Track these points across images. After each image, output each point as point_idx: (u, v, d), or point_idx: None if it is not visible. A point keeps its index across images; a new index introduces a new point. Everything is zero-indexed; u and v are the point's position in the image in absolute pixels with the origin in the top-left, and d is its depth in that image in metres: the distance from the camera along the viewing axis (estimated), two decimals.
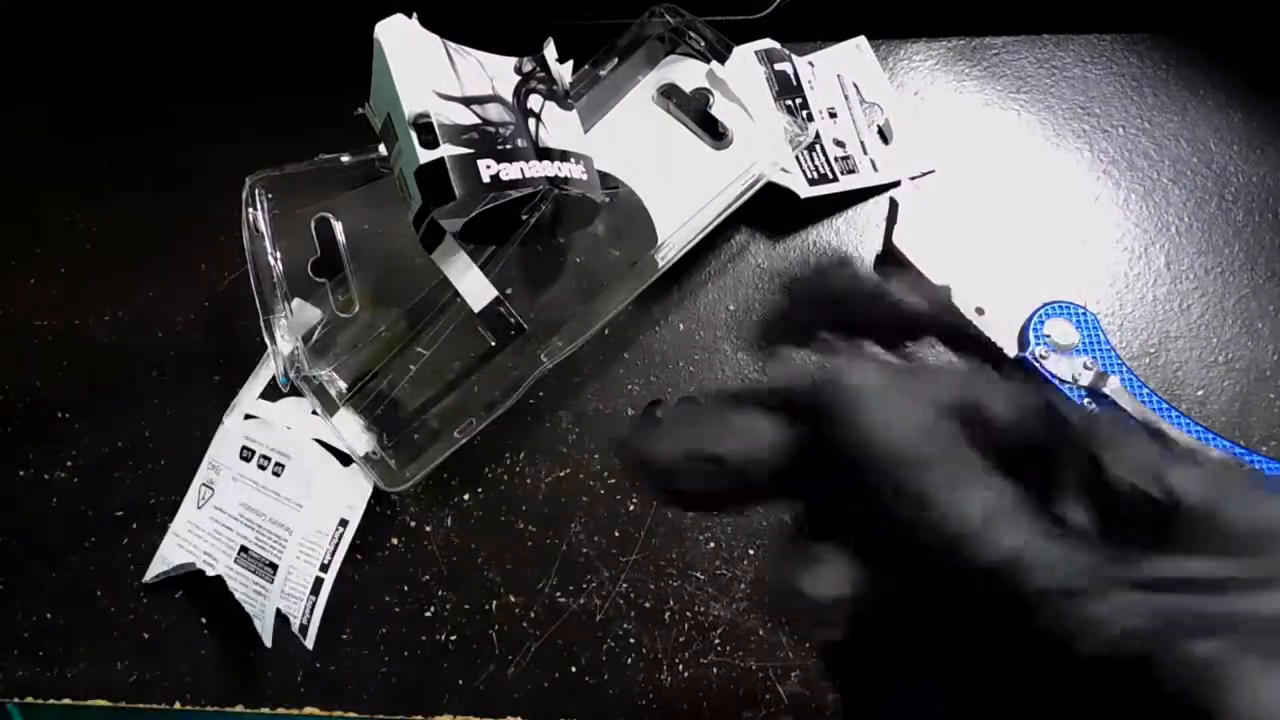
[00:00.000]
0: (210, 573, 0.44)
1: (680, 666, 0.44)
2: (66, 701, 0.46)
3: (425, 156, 0.38)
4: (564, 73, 0.44)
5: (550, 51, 0.44)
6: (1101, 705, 0.17)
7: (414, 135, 0.38)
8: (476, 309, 0.42)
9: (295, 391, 0.45)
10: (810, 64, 0.51)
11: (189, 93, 0.55)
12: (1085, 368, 0.43)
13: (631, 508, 0.46)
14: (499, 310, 0.42)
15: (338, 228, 0.46)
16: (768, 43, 0.50)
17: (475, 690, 0.44)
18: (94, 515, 0.48)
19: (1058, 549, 0.18)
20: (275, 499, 0.45)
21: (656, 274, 0.44)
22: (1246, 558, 0.18)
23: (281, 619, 0.44)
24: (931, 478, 0.19)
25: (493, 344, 0.43)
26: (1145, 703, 0.16)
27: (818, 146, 0.49)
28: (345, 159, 0.45)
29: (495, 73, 0.42)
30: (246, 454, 0.46)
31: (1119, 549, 0.18)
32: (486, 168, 0.39)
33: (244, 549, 0.45)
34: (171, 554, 0.46)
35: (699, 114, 0.46)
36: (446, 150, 0.38)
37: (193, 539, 0.46)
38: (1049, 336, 0.44)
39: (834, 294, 0.21)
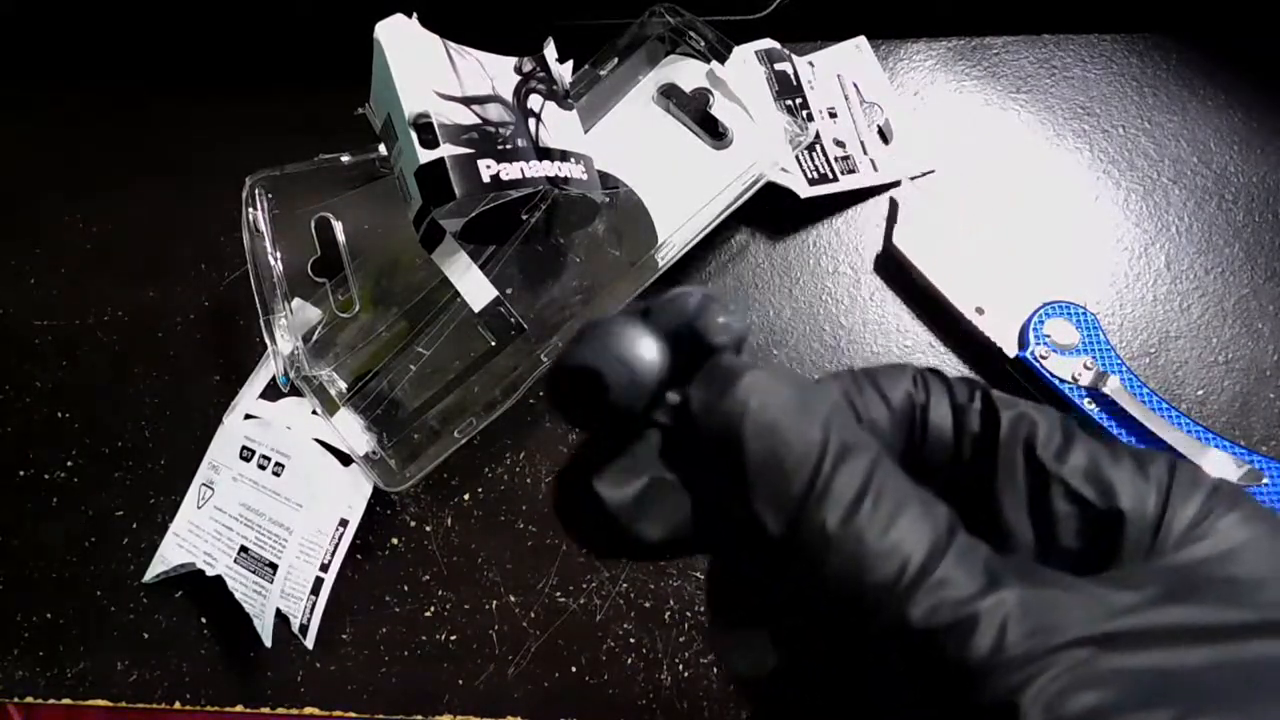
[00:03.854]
0: (210, 573, 0.44)
1: (680, 666, 0.44)
2: (66, 701, 0.46)
3: (425, 156, 0.38)
4: (564, 73, 0.44)
5: (550, 51, 0.44)
6: None
7: (414, 135, 0.38)
8: (476, 309, 0.42)
9: (295, 391, 0.45)
10: (810, 64, 0.50)
11: (190, 92, 0.55)
12: (1085, 368, 0.43)
13: None
14: (499, 310, 0.42)
15: (338, 228, 0.46)
16: (768, 43, 0.50)
17: (475, 690, 0.44)
18: (94, 515, 0.48)
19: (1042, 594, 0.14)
20: (275, 499, 0.45)
21: (656, 274, 0.44)
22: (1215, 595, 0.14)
23: (281, 619, 0.44)
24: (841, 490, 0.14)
25: (493, 344, 0.43)
26: None
27: (818, 146, 0.49)
28: (345, 159, 0.45)
29: (495, 73, 0.42)
30: (246, 454, 0.46)
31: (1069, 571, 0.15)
32: (486, 168, 0.39)
33: (244, 549, 0.45)
34: (171, 554, 0.46)
35: (699, 114, 0.46)
36: (446, 150, 0.38)
37: (193, 539, 0.46)
38: (1049, 336, 0.44)
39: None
